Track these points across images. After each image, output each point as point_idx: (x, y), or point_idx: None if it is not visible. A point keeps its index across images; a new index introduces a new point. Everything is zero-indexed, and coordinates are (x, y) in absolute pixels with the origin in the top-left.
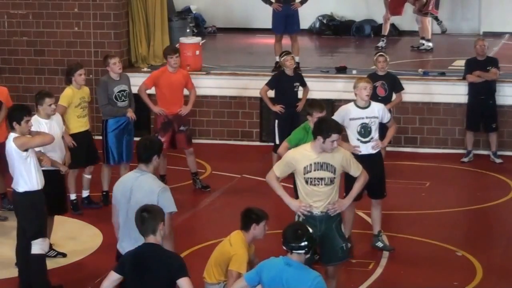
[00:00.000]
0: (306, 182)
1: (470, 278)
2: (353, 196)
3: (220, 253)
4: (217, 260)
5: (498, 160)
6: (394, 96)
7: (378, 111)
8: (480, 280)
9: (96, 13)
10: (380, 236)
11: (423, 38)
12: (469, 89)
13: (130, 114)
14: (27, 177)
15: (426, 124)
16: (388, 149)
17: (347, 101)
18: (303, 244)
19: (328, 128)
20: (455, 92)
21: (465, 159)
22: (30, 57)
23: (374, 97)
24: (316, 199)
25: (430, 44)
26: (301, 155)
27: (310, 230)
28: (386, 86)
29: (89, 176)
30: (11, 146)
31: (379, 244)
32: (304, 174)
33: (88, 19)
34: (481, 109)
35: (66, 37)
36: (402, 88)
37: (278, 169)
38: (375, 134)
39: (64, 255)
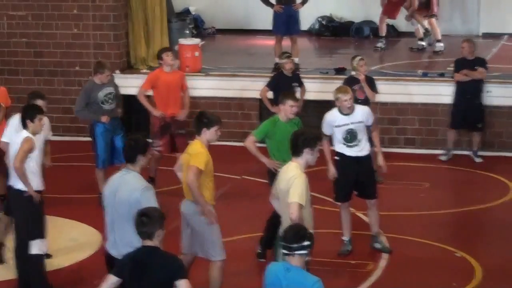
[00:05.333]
0: None
1: (469, 279)
2: None
3: (186, 167)
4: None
5: (478, 160)
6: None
7: (362, 116)
8: (479, 281)
9: (95, 15)
10: (378, 237)
11: (420, 39)
12: (456, 88)
13: (105, 119)
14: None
15: (425, 125)
16: (387, 150)
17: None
18: (305, 244)
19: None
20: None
21: (444, 158)
22: (30, 59)
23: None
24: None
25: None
26: None
27: (311, 230)
28: (364, 89)
29: None
30: (18, 144)
31: (378, 245)
32: None
33: (87, 20)
34: (466, 109)
35: (66, 39)
36: (377, 91)
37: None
38: (362, 136)
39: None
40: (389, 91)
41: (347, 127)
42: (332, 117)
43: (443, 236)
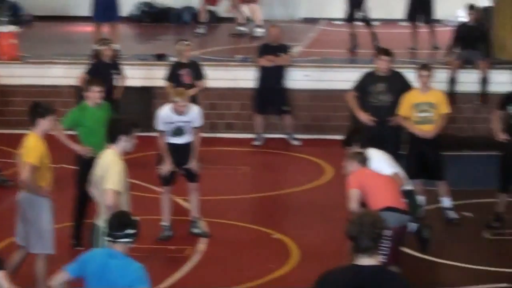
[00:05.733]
0: None
1: (286, 260)
2: None
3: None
4: None
5: (295, 142)
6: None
7: (192, 116)
8: (295, 261)
9: None
10: (197, 222)
11: (240, 25)
12: (260, 73)
13: None
14: None
15: (244, 110)
16: (207, 135)
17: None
18: (130, 232)
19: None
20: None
21: (257, 142)
22: None
23: (180, 86)
24: None
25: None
26: None
27: (136, 218)
28: (191, 73)
29: None
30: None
31: (197, 230)
32: None
33: None
34: (270, 93)
35: None
36: (204, 76)
37: None
38: (188, 133)
39: None
40: (210, 77)
41: (177, 124)
42: (166, 115)
43: (260, 218)
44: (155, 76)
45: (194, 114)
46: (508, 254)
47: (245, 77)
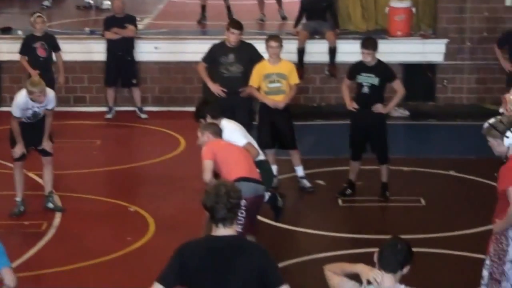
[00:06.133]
0: None
1: (143, 232)
2: None
3: None
4: None
5: (143, 115)
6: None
7: (47, 100)
8: (152, 233)
9: None
10: (52, 196)
11: None
12: (107, 45)
13: None
14: None
15: (94, 83)
16: (59, 109)
17: (13, 62)
18: None
19: None
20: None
21: (109, 116)
22: None
23: (35, 59)
24: None
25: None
26: None
27: None
28: (46, 46)
29: None
30: None
31: (50, 205)
32: None
33: None
34: (119, 66)
35: None
36: (59, 49)
37: None
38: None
39: None
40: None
41: (33, 110)
42: (23, 102)
43: (116, 192)
44: (1, 50)
45: (49, 97)
46: (361, 220)
47: (96, 50)
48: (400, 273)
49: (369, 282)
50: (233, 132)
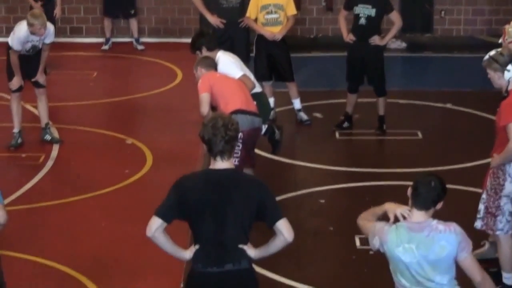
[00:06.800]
0: None
1: (141, 165)
2: None
3: None
4: None
5: (140, 47)
6: None
7: (47, 33)
8: (150, 166)
9: None
10: (49, 128)
11: None
12: None
13: None
14: None
15: (90, 14)
16: (57, 40)
17: None
18: None
19: None
20: None
21: (106, 47)
22: None
23: None
24: None
25: None
26: None
27: None
28: None
29: None
30: None
31: (48, 137)
32: None
33: None
34: None
35: None
36: None
37: None
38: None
39: None
40: None
41: (32, 43)
42: (24, 36)
43: (113, 124)
44: None
45: (49, 31)
46: (358, 153)
47: None
48: (433, 210)
49: (397, 219)
50: (229, 64)
